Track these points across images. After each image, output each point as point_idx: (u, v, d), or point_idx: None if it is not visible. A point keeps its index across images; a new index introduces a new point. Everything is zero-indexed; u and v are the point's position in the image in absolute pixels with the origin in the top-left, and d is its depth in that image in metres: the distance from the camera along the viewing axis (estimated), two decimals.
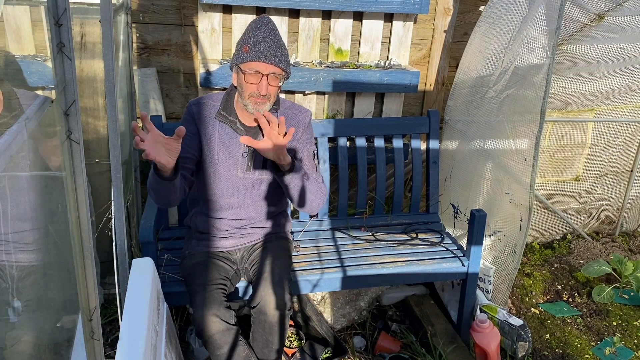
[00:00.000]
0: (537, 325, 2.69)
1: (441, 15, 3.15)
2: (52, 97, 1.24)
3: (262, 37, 1.97)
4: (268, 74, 1.98)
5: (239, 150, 2.14)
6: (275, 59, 1.98)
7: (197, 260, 2.16)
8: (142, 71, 2.86)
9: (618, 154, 3.36)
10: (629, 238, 3.55)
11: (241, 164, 2.14)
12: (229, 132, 2.13)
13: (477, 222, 2.41)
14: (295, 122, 2.19)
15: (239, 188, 2.17)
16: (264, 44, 1.96)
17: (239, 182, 2.16)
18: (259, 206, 2.23)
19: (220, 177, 2.15)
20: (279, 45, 2.00)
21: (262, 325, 2.05)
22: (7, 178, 1.20)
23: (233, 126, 2.12)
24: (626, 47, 2.78)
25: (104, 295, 2.65)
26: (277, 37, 2.01)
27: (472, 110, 2.86)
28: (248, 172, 2.16)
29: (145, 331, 1.47)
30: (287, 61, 2.03)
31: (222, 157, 2.13)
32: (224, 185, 2.16)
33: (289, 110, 2.21)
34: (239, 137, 2.11)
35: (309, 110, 2.28)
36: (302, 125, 2.21)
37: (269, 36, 1.98)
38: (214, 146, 2.13)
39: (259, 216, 2.24)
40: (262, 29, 1.99)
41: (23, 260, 1.63)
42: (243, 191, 2.18)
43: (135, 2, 2.79)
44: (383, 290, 2.85)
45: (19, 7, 2.54)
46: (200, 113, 2.13)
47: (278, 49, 1.99)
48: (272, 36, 1.99)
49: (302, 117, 2.22)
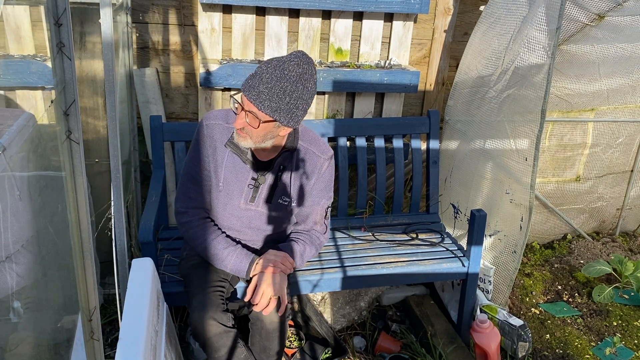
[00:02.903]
0: (538, 326, 2.69)
1: (441, 15, 3.15)
2: (52, 97, 1.24)
3: (261, 76, 1.79)
4: (248, 110, 1.82)
5: (245, 180, 2.05)
6: (257, 100, 1.78)
7: (195, 262, 2.14)
8: (142, 71, 2.85)
9: (618, 154, 3.35)
10: (629, 238, 3.55)
11: (245, 195, 2.07)
12: (237, 161, 2.03)
13: (477, 222, 2.40)
14: (312, 164, 2.06)
15: (240, 217, 2.10)
16: (259, 82, 1.78)
17: (240, 212, 2.09)
18: (260, 234, 2.16)
19: (223, 204, 2.08)
20: (276, 91, 1.77)
21: (259, 332, 2.02)
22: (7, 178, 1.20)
23: (242, 157, 2.01)
24: (626, 47, 2.78)
25: (103, 295, 2.64)
26: (282, 82, 1.77)
27: (473, 110, 2.86)
28: (251, 204, 2.08)
29: (145, 331, 1.47)
30: (277, 108, 1.79)
31: (227, 186, 2.06)
32: (226, 212, 2.10)
33: (308, 148, 2.06)
34: (246, 167, 2.03)
35: (330, 151, 2.09)
36: (317, 170, 2.07)
37: (273, 77, 1.77)
38: (220, 174, 2.05)
39: (259, 239, 2.19)
40: (276, 68, 1.78)
41: (22, 261, 1.63)
42: (244, 220, 2.10)
43: (135, 2, 2.78)
44: (383, 290, 2.85)
45: (18, 7, 2.54)
46: (213, 137, 2.03)
47: (271, 94, 1.77)
48: (274, 80, 1.77)
49: (319, 162, 2.06)
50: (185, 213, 2.09)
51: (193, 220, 2.08)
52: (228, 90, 2.94)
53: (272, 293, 1.94)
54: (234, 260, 2.02)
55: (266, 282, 1.95)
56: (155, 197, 2.38)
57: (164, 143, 2.58)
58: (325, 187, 2.12)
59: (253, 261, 2.03)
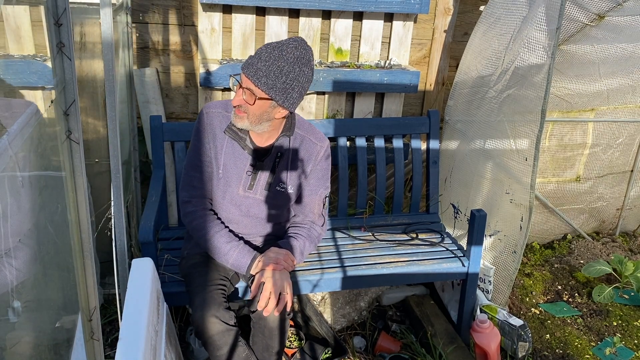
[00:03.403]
0: (537, 326, 2.69)
1: (441, 15, 3.15)
2: (51, 97, 1.24)
3: (260, 54, 1.86)
4: (245, 87, 1.89)
5: (244, 167, 2.08)
6: (254, 76, 1.84)
7: (196, 261, 2.15)
8: (142, 71, 2.85)
9: (618, 154, 3.36)
10: (629, 238, 3.55)
11: (244, 182, 2.09)
12: (236, 147, 2.07)
13: (477, 222, 2.40)
14: (309, 151, 2.11)
15: (239, 205, 2.12)
16: (258, 59, 1.85)
17: (239, 200, 2.11)
18: (259, 223, 2.18)
19: (222, 192, 2.11)
20: (269, 70, 1.83)
21: (261, 330, 2.03)
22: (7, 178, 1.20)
23: (241, 143, 2.06)
24: (626, 47, 2.78)
25: (103, 295, 2.64)
26: (277, 64, 1.84)
27: (473, 110, 2.86)
28: (249, 191, 2.10)
29: (145, 331, 1.47)
30: (272, 86, 1.85)
31: (226, 173, 2.08)
32: (225, 200, 2.12)
33: (304, 136, 2.11)
34: (245, 154, 2.07)
35: (326, 140, 2.14)
36: (313, 157, 2.12)
37: (272, 56, 1.84)
38: (220, 160, 2.08)
39: (258, 231, 2.20)
40: (275, 49, 1.85)
41: (22, 260, 1.63)
42: (242, 209, 2.13)
43: (135, 2, 2.78)
44: (383, 290, 2.85)
45: (18, 7, 2.54)
46: (213, 124, 2.07)
47: (268, 72, 1.83)
48: (272, 59, 1.83)
49: (316, 149, 2.11)
50: (189, 202, 2.12)
51: (197, 210, 2.11)
52: (228, 90, 2.94)
53: (273, 290, 1.96)
54: (236, 256, 2.05)
55: (269, 280, 1.97)
56: (155, 197, 2.38)
57: (164, 143, 2.58)
58: (323, 176, 2.16)
59: (255, 258, 2.05)
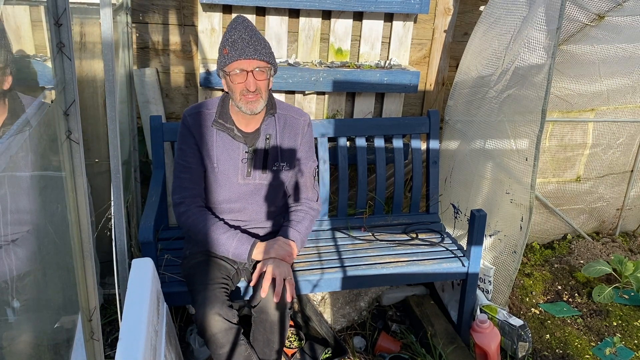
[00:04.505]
0: (537, 326, 2.69)
1: (441, 15, 3.15)
2: (52, 97, 1.24)
3: (238, 36, 1.97)
4: (252, 69, 1.98)
5: (238, 156, 2.15)
6: (255, 54, 1.97)
7: (198, 260, 2.16)
8: (142, 71, 2.85)
9: (619, 155, 3.35)
10: (629, 238, 3.55)
11: (241, 170, 2.16)
12: (227, 139, 2.14)
13: (477, 222, 2.40)
14: (294, 126, 2.21)
15: (240, 194, 2.19)
16: (242, 42, 1.96)
17: (239, 188, 2.18)
18: (260, 209, 2.24)
19: (221, 184, 2.17)
20: (257, 40, 1.99)
21: (263, 324, 2.05)
22: (7, 178, 1.20)
23: (231, 133, 2.13)
24: (626, 47, 2.78)
25: (103, 295, 2.64)
26: (254, 33, 2.00)
27: (473, 110, 2.85)
28: (248, 178, 2.17)
29: (145, 331, 1.47)
30: (269, 53, 2.02)
31: (222, 165, 2.15)
32: (225, 191, 2.18)
33: (287, 114, 2.21)
34: (237, 144, 2.14)
35: (306, 113, 2.27)
36: (301, 130, 2.22)
37: (245, 33, 1.98)
38: (213, 155, 2.14)
39: (259, 218, 2.26)
40: (237, 28, 1.99)
41: (22, 259, 1.63)
42: (244, 196, 2.20)
43: (135, 2, 2.78)
44: (383, 290, 2.85)
45: (18, 7, 2.54)
46: (197, 123, 2.14)
47: (257, 43, 1.99)
48: (248, 32, 1.98)
49: (300, 123, 2.22)
50: (182, 203, 2.15)
51: (190, 209, 2.14)
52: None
53: (276, 274, 2.02)
54: (236, 244, 2.09)
55: (269, 268, 2.03)
56: (155, 197, 2.38)
57: (164, 143, 2.59)
58: (310, 148, 2.27)
59: (254, 244, 2.10)
